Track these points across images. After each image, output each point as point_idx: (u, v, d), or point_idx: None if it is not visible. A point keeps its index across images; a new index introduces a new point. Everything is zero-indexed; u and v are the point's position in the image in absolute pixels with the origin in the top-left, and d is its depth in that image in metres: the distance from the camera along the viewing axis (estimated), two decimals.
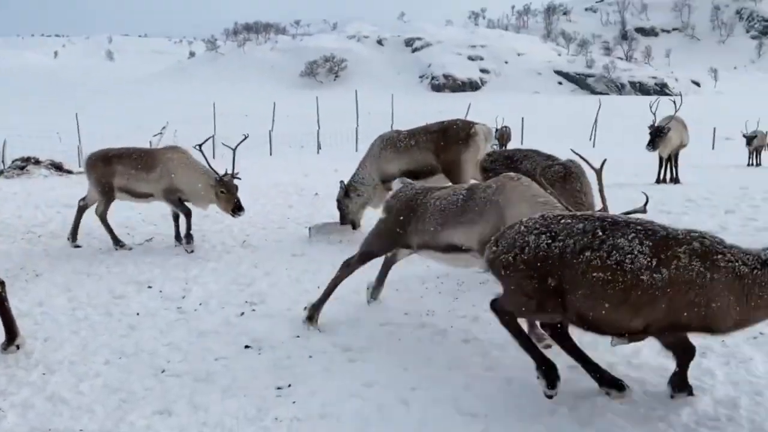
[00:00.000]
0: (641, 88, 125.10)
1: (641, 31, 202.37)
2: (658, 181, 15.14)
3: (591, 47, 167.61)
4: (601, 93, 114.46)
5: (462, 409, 4.77)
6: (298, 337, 6.21)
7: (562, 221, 4.61)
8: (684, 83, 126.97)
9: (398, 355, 5.73)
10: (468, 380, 5.20)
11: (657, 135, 14.80)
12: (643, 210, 5.34)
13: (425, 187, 6.73)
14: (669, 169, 15.37)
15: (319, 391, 5.13)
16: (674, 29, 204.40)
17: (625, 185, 13.64)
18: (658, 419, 4.37)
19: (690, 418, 4.42)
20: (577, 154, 6.54)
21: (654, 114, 15.24)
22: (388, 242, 6.63)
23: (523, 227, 4.75)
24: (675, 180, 15.24)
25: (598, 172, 5.72)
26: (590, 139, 38.73)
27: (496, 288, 7.23)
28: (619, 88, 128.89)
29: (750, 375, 4.95)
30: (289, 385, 5.24)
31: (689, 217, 10.00)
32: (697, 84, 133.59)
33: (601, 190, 5.68)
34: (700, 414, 4.48)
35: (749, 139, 23.93)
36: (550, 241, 4.55)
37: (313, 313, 6.47)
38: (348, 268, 6.71)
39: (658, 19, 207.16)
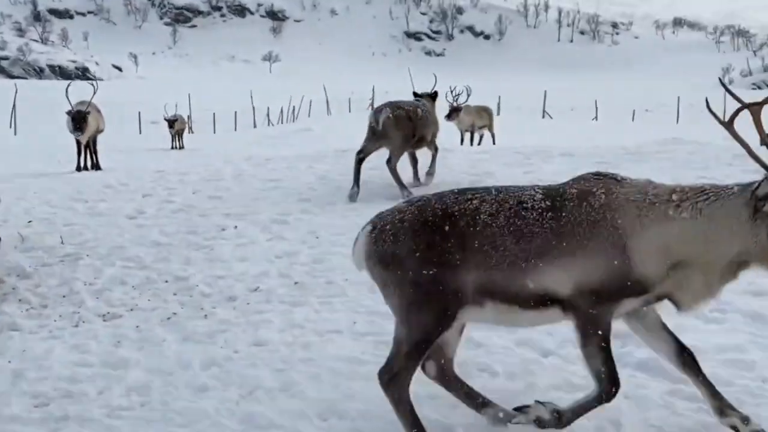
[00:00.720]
0: (62, 72, 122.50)
1: (55, 12, 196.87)
2: (78, 169, 14.77)
3: (2, 27, 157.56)
4: (19, 77, 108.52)
5: None
6: None
7: None
8: (106, 68, 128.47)
9: None
10: None
11: (82, 120, 14.41)
12: None
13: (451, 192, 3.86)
14: (88, 155, 15.12)
15: None
16: (90, 12, 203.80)
17: (51, 174, 13.19)
18: None
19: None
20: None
21: (69, 99, 14.82)
22: (438, 303, 3.65)
23: None
24: (96, 166, 15.08)
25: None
26: (11, 126, 36.16)
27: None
28: (39, 72, 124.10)
29: (161, 357, 5.05)
30: None
31: (106, 203, 9.89)
32: (119, 69, 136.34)
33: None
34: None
35: (171, 123, 25.20)
36: None
37: None
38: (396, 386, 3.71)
39: (72, 1, 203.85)
